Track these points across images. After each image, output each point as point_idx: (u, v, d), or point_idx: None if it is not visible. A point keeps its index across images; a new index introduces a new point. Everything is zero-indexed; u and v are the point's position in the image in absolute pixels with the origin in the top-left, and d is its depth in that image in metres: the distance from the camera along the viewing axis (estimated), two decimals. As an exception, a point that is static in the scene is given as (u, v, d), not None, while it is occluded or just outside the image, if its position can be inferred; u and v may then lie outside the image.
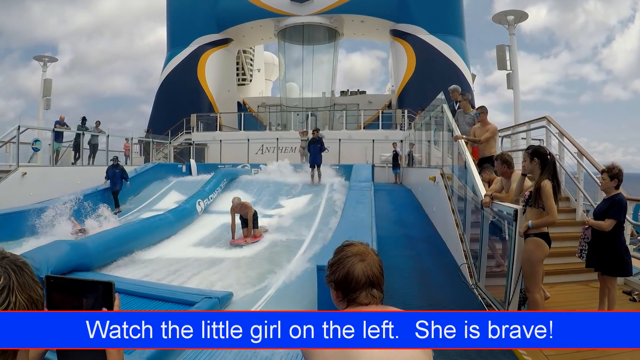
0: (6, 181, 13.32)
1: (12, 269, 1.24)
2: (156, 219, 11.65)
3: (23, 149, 15.42)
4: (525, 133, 12.12)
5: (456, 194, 8.87)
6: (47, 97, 27.68)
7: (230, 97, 35.83)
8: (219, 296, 6.18)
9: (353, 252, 1.85)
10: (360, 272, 1.78)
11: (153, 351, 4.31)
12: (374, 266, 1.82)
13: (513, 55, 22.98)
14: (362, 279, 1.78)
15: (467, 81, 29.18)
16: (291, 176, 17.64)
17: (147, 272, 8.52)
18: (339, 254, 1.89)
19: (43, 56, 28.61)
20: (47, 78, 27.99)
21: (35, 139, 16.97)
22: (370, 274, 1.79)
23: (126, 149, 22.67)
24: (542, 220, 4.84)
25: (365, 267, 1.80)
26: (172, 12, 35.72)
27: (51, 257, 7.15)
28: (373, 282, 1.79)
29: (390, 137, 23.68)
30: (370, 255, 1.85)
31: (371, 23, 32.57)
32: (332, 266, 1.87)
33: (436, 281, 7.36)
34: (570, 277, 6.90)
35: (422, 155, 15.87)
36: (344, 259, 1.84)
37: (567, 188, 9.00)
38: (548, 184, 4.75)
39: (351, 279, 1.78)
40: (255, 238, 11.03)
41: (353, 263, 1.81)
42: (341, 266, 1.82)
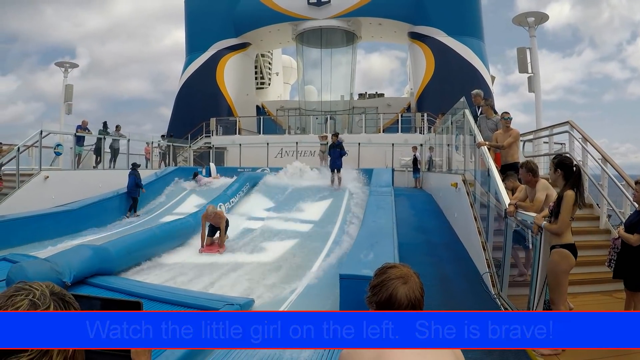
0: (29, 184, 13.55)
1: (59, 304, 1.27)
2: (177, 222, 11.68)
3: (45, 153, 15.69)
4: (548, 137, 11.99)
5: (479, 200, 8.78)
6: (68, 102, 27.96)
7: (249, 100, 35.96)
8: (241, 302, 6.13)
9: (396, 275, 1.88)
10: (403, 295, 1.82)
11: (177, 356, 4.33)
12: (416, 290, 1.86)
13: (534, 57, 22.64)
14: (404, 302, 1.81)
15: (486, 83, 28.93)
16: (311, 180, 17.64)
17: (168, 276, 8.54)
18: (381, 275, 1.92)
19: (64, 62, 28.92)
20: (69, 83, 28.28)
21: (57, 143, 17.18)
22: (412, 297, 1.83)
23: (147, 152, 22.85)
24: (550, 226, 4.83)
25: (408, 290, 1.84)
26: (190, 18, 35.96)
27: (73, 261, 7.20)
28: (415, 305, 1.83)
29: (410, 140, 23.60)
30: (413, 278, 1.89)
31: (389, 26, 32.46)
32: (375, 287, 1.90)
33: (458, 289, 7.30)
34: (594, 287, 6.77)
35: (442, 159, 15.76)
36: (387, 281, 1.87)
37: (591, 194, 8.87)
38: (571, 195, 4.69)
39: (394, 302, 1.82)
40: (223, 249, 10.65)
41: (396, 286, 1.84)
42: (384, 288, 1.85)
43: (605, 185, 8.07)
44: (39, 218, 11.23)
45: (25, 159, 15.59)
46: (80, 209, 12.54)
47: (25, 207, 12.03)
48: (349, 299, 5.37)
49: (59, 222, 11.60)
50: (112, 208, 14.02)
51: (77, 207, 12.58)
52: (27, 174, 14.06)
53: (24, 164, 14.62)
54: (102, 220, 12.99)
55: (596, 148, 8.41)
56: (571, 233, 4.87)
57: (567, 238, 4.78)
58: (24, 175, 13.83)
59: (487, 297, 6.71)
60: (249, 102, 35.86)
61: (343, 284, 5.63)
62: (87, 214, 12.65)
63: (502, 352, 4.95)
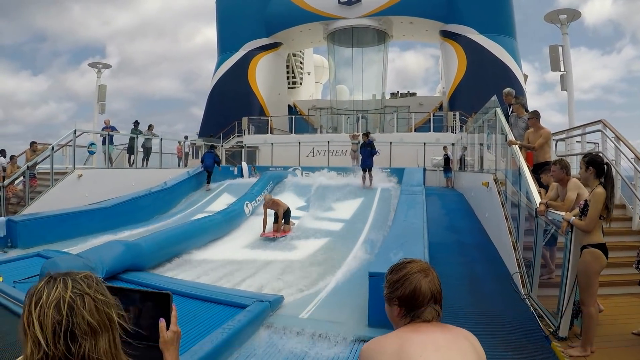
0: (63, 182, 13.89)
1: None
2: (206, 220, 11.87)
3: (79, 152, 16.06)
4: (580, 137, 11.82)
5: (510, 200, 8.72)
6: (101, 102, 28.44)
7: (280, 100, 36.14)
8: (270, 300, 6.22)
9: (417, 269, 1.88)
10: (426, 287, 1.83)
11: (205, 352, 4.42)
12: (436, 282, 1.88)
13: (567, 55, 22.26)
14: (428, 295, 1.83)
15: (519, 82, 28.50)
16: (341, 179, 17.70)
17: (198, 273, 8.67)
18: (401, 270, 1.91)
19: (97, 62, 29.42)
20: (102, 84, 28.76)
21: (91, 142, 17.55)
22: (434, 290, 1.85)
23: (179, 151, 23.18)
24: (578, 222, 4.81)
25: (430, 282, 1.85)
26: (221, 18, 36.28)
27: (106, 257, 7.34)
28: (437, 297, 1.85)
29: (442, 139, 23.45)
30: (432, 271, 1.90)
31: (420, 24, 32.22)
32: (397, 283, 1.88)
33: (487, 290, 7.27)
34: (626, 289, 6.55)
35: (474, 159, 15.66)
36: (409, 275, 1.87)
37: (623, 195, 8.72)
38: (601, 192, 4.66)
39: (418, 295, 1.82)
40: (284, 233, 11.79)
41: (419, 279, 1.85)
42: (407, 282, 1.85)
43: (638, 185, 7.90)
44: (73, 215, 11.47)
45: (60, 158, 15.96)
46: (114, 206, 12.81)
47: (59, 205, 12.29)
48: (377, 297, 5.42)
49: (93, 219, 11.84)
50: (145, 206, 14.27)
51: (111, 204, 12.86)
52: (61, 173, 14.37)
53: (58, 162, 14.97)
54: (136, 217, 13.21)
55: (629, 147, 8.25)
56: (602, 233, 4.83)
57: (598, 237, 4.74)
58: (58, 174, 14.14)
59: (516, 297, 6.68)
60: (280, 101, 36.03)
61: (372, 282, 5.69)
62: (121, 211, 12.89)
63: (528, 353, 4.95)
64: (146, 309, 1.55)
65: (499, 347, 4.98)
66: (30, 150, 15.06)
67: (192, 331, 5.14)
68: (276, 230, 11.93)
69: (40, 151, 14.61)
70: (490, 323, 5.73)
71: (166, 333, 1.54)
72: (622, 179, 8.40)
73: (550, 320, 5.55)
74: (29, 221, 10.46)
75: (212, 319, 5.59)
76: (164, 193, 15.75)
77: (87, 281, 1.31)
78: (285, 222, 12.09)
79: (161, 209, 15.17)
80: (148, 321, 1.54)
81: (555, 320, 5.34)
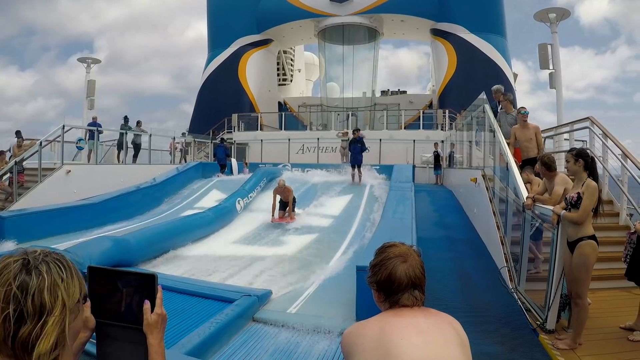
0: (51, 178, 13.66)
1: (57, 265, 1.35)
2: (196, 216, 11.78)
3: (67, 148, 15.94)
4: (568, 134, 11.89)
5: (497, 195, 8.77)
6: (90, 98, 28.24)
7: (271, 97, 36.13)
8: (259, 294, 6.18)
9: (395, 254, 1.84)
10: (402, 273, 1.78)
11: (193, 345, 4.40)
12: (416, 267, 1.81)
13: (555, 54, 22.44)
14: (404, 281, 1.77)
15: (508, 80, 28.61)
16: (331, 176, 17.71)
17: (187, 268, 8.60)
18: (380, 255, 1.88)
19: (86, 57, 29.25)
20: (91, 79, 28.57)
21: (79, 138, 17.43)
22: (412, 276, 1.79)
23: (171, 147, 23.05)
24: (570, 215, 4.83)
25: (407, 268, 1.79)
26: (212, 14, 36.24)
27: (94, 252, 7.30)
28: (415, 283, 1.79)
29: (432, 137, 23.50)
30: (412, 257, 1.84)
31: (411, 22, 32.31)
32: (374, 267, 1.86)
33: (476, 284, 7.31)
34: (613, 283, 6.69)
35: (463, 156, 15.72)
36: (386, 260, 1.83)
37: (611, 191, 8.81)
38: (595, 185, 4.71)
39: (393, 280, 1.78)
40: (292, 219, 12.31)
41: (395, 264, 1.80)
42: (383, 267, 1.81)
43: (625, 181, 7.98)
44: (62, 211, 11.32)
45: (48, 153, 15.83)
46: (103, 202, 12.66)
47: (48, 201, 12.11)
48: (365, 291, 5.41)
49: (82, 215, 11.69)
50: (134, 202, 14.16)
51: (100, 200, 12.70)
52: (49, 169, 14.19)
53: (46, 158, 14.83)
54: (125, 213, 13.11)
55: (616, 144, 8.33)
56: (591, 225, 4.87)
57: (590, 229, 4.77)
58: (46, 170, 13.95)
59: (504, 291, 6.72)
60: (271, 98, 36.01)
61: (360, 276, 5.69)
62: (110, 207, 12.77)
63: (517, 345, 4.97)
64: (130, 290, 1.51)
65: (487, 340, 5.01)
66: (16, 145, 14.89)
67: (180, 325, 5.12)
68: (282, 217, 12.47)
69: (27, 147, 14.44)
70: (478, 317, 5.77)
71: (150, 315, 1.49)
72: (609, 175, 8.48)
73: (537, 313, 5.59)
74: (16, 217, 10.27)
75: (200, 313, 5.56)
76: (153, 189, 15.63)
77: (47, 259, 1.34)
78: (292, 209, 12.54)
79: (150, 205, 14.98)
80: (131, 303, 1.50)
81: (542, 313, 5.37)
